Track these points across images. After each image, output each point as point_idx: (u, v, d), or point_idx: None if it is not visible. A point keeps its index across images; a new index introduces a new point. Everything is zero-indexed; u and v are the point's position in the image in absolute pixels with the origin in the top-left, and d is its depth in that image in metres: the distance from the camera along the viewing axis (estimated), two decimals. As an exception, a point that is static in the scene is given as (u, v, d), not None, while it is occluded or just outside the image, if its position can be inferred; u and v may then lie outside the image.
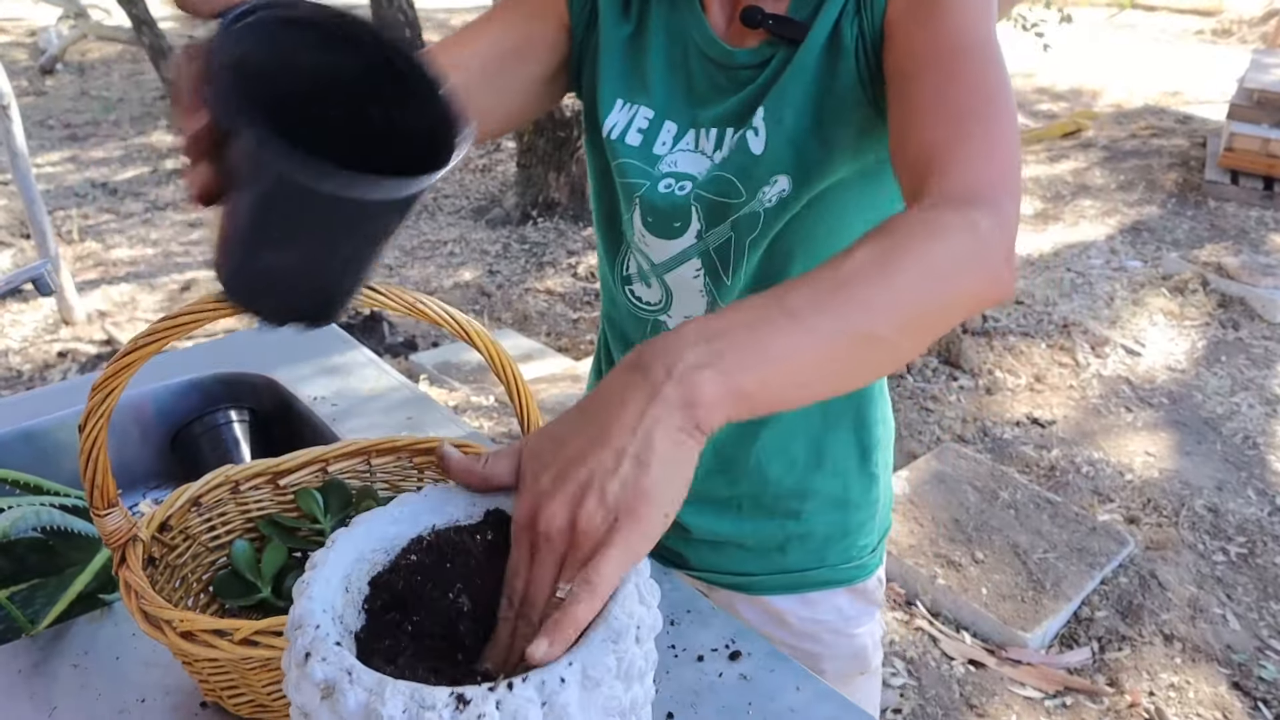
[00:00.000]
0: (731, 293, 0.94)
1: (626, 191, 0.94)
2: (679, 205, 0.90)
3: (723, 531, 1.05)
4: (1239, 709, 2.15)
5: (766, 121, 0.85)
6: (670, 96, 0.91)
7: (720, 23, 0.89)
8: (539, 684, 0.46)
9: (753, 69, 0.87)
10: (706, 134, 0.90)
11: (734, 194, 0.87)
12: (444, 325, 0.68)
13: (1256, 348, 3.81)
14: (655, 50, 0.91)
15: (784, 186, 0.86)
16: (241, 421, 1.39)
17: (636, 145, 0.92)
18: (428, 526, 0.61)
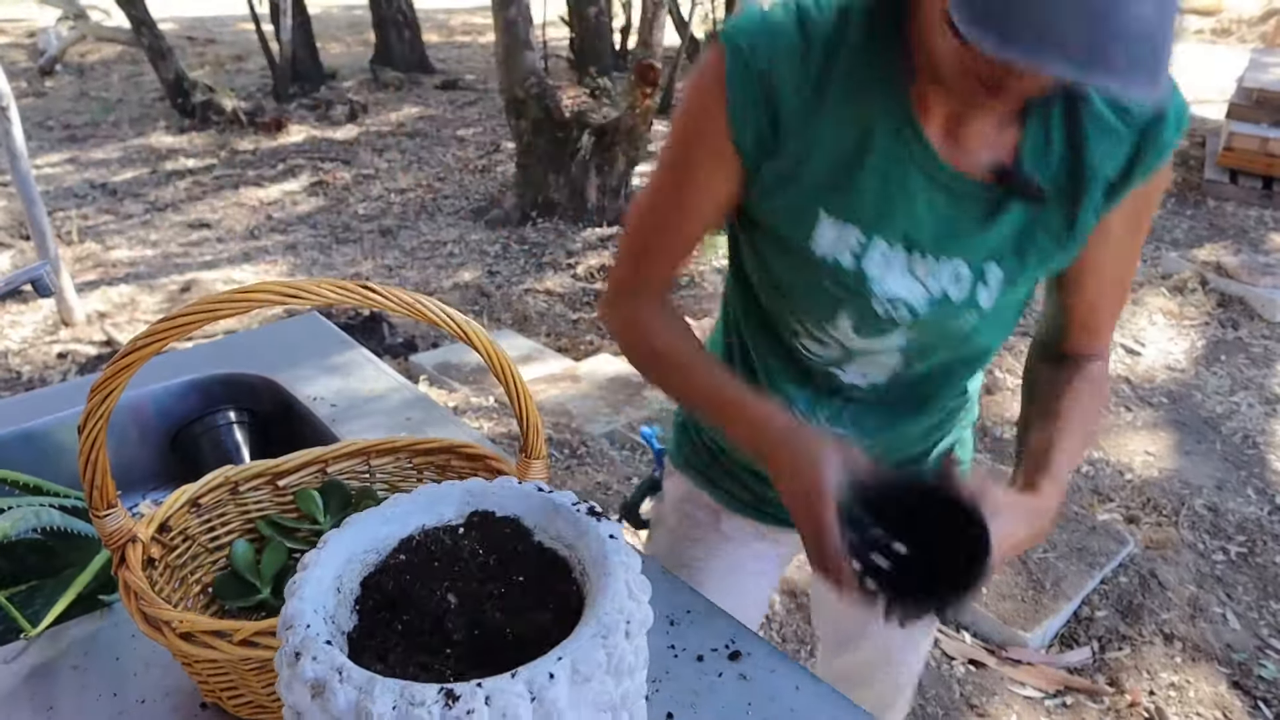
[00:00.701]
0: (922, 374, 1.03)
1: (832, 299, 0.95)
2: (894, 322, 0.95)
3: None
4: (1239, 708, 2.15)
5: (1001, 282, 0.93)
6: (883, 215, 0.90)
7: (937, 137, 0.87)
8: (528, 679, 0.47)
9: (987, 205, 0.89)
10: (923, 258, 0.91)
11: (951, 324, 0.96)
12: (443, 326, 0.68)
13: (1256, 347, 3.81)
14: (868, 167, 0.88)
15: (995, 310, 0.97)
16: (241, 422, 1.39)
17: (848, 266, 0.92)
18: (417, 527, 0.61)
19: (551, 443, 3.12)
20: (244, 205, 6.14)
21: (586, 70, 8.77)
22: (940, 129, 0.87)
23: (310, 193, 6.39)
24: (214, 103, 7.73)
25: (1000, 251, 0.91)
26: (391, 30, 9.43)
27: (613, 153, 5.66)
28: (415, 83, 9.18)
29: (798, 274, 0.96)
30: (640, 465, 3.04)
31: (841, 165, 0.89)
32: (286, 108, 8.26)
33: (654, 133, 6.92)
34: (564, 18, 9.55)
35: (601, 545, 0.57)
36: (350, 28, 11.95)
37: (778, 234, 0.95)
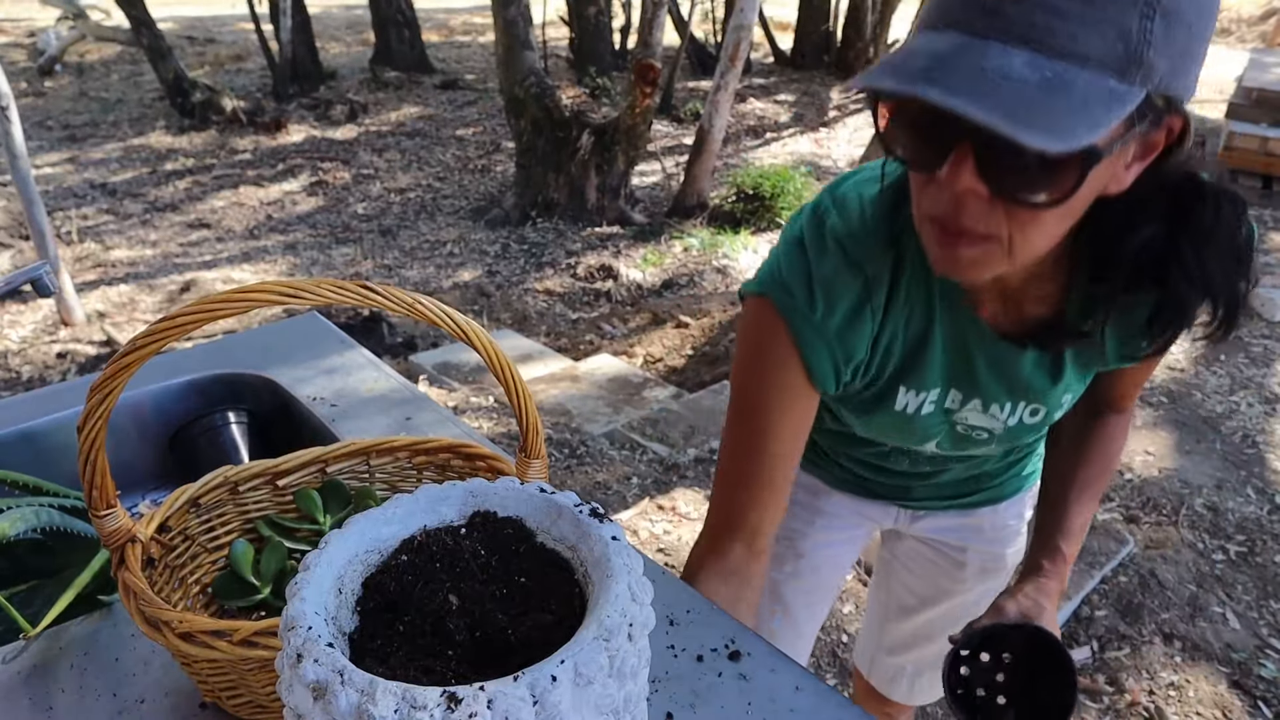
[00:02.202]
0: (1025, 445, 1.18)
1: (920, 436, 1.04)
2: (979, 443, 1.06)
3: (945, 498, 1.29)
4: (1239, 708, 2.15)
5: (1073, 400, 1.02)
6: (953, 378, 0.98)
7: (994, 316, 0.93)
8: (530, 682, 0.46)
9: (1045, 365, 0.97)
10: (999, 405, 1.00)
11: (1032, 435, 1.06)
12: (443, 326, 0.68)
13: (1256, 346, 3.81)
14: (935, 346, 0.95)
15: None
16: (240, 422, 1.39)
17: (931, 414, 1.00)
18: (419, 527, 0.61)
19: (551, 443, 3.12)
20: (243, 205, 6.14)
21: (586, 70, 8.77)
22: (997, 313, 0.93)
23: (310, 192, 6.39)
24: (213, 103, 7.73)
25: (1070, 388, 0.99)
26: (391, 30, 9.43)
27: (612, 152, 5.66)
28: (415, 82, 9.18)
29: (883, 424, 1.03)
30: (640, 465, 3.04)
31: (911, 353, 0.95)
32: (286, 107, 8.26)
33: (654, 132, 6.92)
34: (564, 18, 9.55)
35: (604, 547, 0.57)
36: (350, 28, 11.95)
37: (859, 406, 1.02)
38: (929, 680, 1.48)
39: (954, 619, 1.39)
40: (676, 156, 7.01)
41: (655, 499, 2.85)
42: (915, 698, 1.50)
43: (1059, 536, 1.06)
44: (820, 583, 1.36)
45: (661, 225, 5.65)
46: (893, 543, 1.41)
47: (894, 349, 0.95)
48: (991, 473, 1.24)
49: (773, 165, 6.14)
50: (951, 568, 1.34)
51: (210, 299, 0.64)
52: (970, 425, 1.02)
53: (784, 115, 8.36)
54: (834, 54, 9.80)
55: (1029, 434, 1.05)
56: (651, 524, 2.72)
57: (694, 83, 9.24)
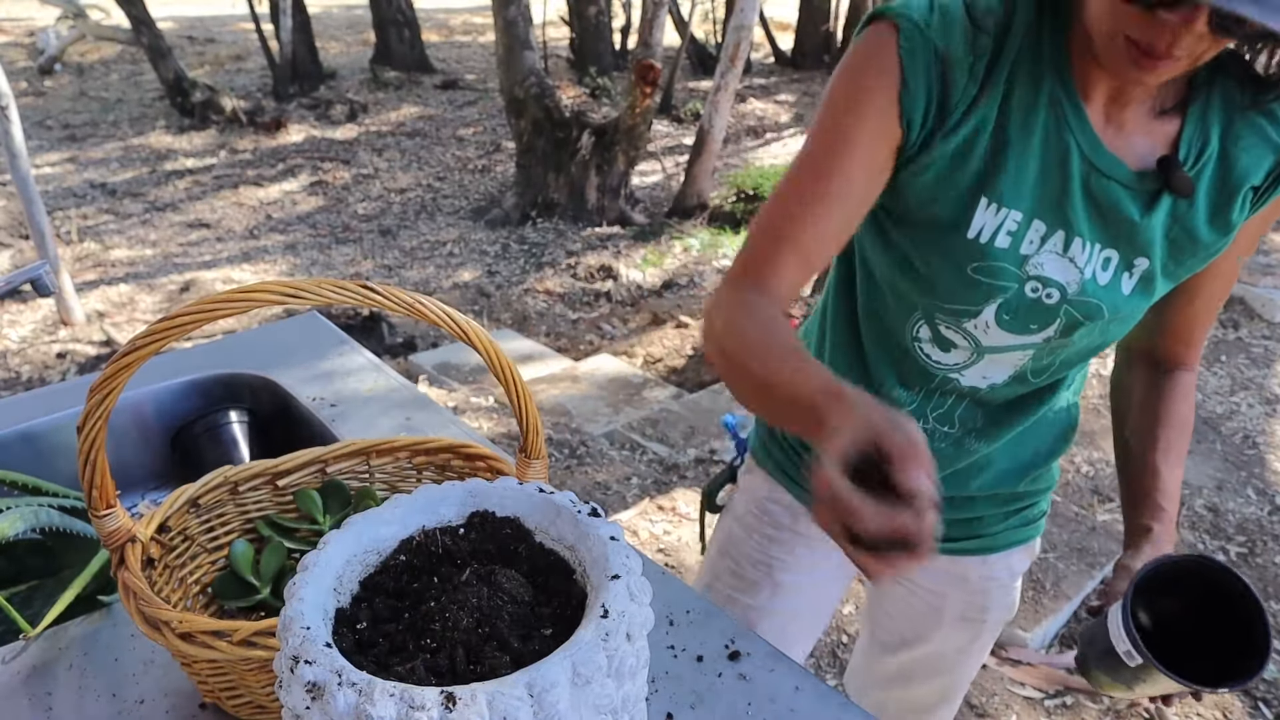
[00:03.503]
0: (1045, 370, 1.03)
1: (985, 289, 0.93)
2: (1045, 311, 0.94)
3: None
4: (1239, 708, 2.15)
5: (1145, 273, 0.93)
6: (1041, 199, 0.90)
7: (1099, 122, 0.88)
8: (529, 682, 0.46)
9: (1141, 195, 0.89)
10: (1081, 244, 0.91)
11: (1097, 317, 0.95)
12: (443, 326, 0.68)
13: (1256, 347, 3.81)
14: (1029, 152, 0.88)
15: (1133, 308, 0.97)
16: (240, 423, 1.39)
17: (1006, 248, 0.91)
18: (418, 527, 0.61)
19: (551, 443, 3.12)
20: (243, 205, 6.14)
21: (586, 70, 8.77)
22: (1102, 113, 0.88)
23: (310, 192, 6.39)
24: (213, 102, 7.73)
25: (1149, 244, 0.91)
26: (391, 30, 9.43)
27: (612, 152, 5.66)
28: (415, 82, 9.18)
29: (947, 263, 0.93)
30: (640, 465, 3.04)
31: (1005, 148, 0.88)
32: (286, 107, 8.26)
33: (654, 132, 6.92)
34: (564, 18, 9.55)
35: (603, 547, 0.57)
36: (350, 28, 11.95)
37: (930, 220, 0.92)
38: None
39: (931, 669, 1.32)
40: (676, 156, 7.01)
41: (655, 499, 2.85)
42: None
43: (1158, 496, 1.02)
44: (796, 622, 1.27)
45: (661, 225, 5.65)
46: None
47: (984, 134, 0.87)
48: (986, 518, 1.16)
49: (773, 165, 6.14)
50: (928, 612, 1.27)
51: (210, 299, 0.64)
52: (1043, 277, 0.92)
53: (784, 115, 8.36)
54: (834, 54, 9.80)
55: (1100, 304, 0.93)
56: (651, 524, 2.72)
57: (694, 83, 9.24)
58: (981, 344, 0.98)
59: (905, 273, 0.97)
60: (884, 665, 1.37)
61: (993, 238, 0.90)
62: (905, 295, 0.99)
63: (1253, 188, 0.89)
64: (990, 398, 1.05)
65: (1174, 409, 1.07)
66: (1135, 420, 1.09)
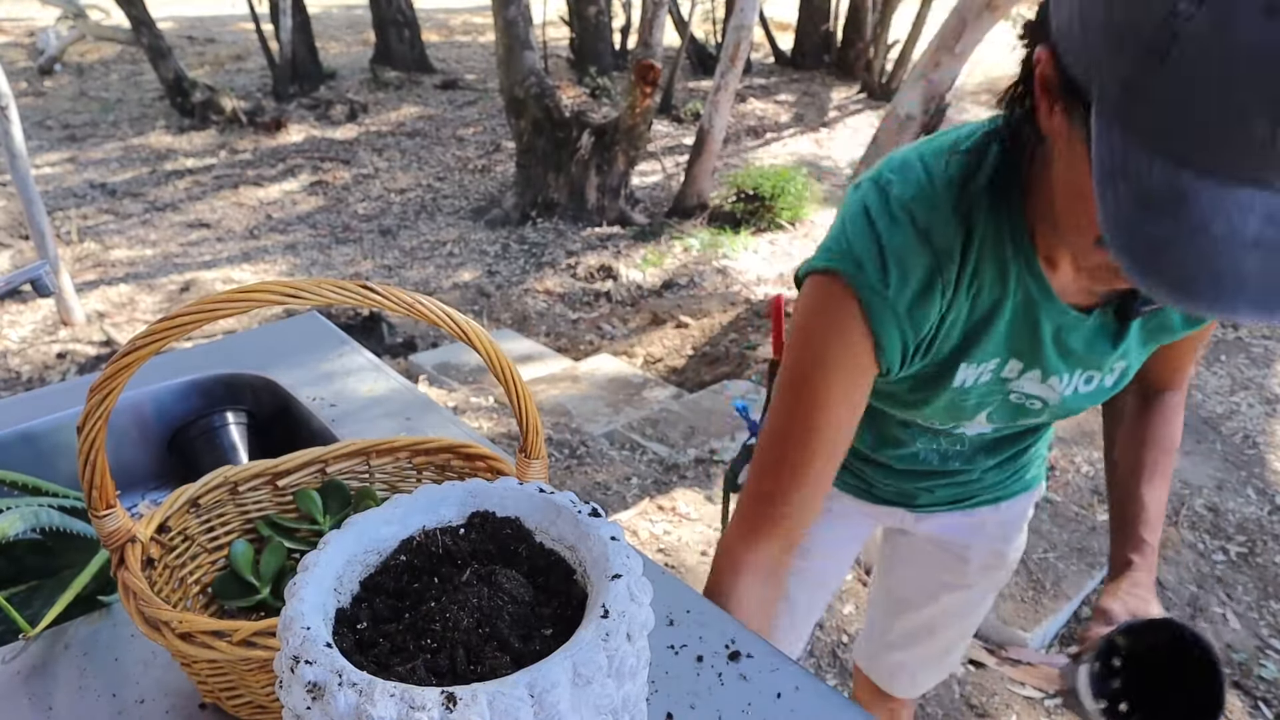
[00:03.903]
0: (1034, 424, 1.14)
1: (972, 409, 1.03)
2: (1031, 412, 1.04)
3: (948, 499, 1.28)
4: (1239, 708, 2.15)
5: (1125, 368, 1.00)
6: (1015, 348, 0.95)
7: (1064, 280, 0.90)
8: (529, 682, 0.46)
9: (1109, 331, 0.96)
10: (1059, 377, 0.98)
11: (1084, 408, 1.04)
12: (443, 326, 0.68)
13: (1256, 347, 3.81)
14: (1001, 324, 0.92)
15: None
16: (240, 423, 1.39)
17: (987, 382, 0.98)
18: (418, 527, 0.61)
19: (551, 443, 3.12)
20: (243, 205, 6.14)
21: (586, 70, 8.77)
22: (1067, 277, 0.91)
23: (310, 192, 6.39)
24: (213, 102, 7.73)
25: (1126, 354, 0.98)
26: (391, 30, 9.43)
27: (612, 152, 5.66)
28: (415, 83, 9.18)
29: (934, 402, 1.01)
30: (640, 465, 3.04)
31: (975, 328, 0.92)
32: (286, 107, 8.26)
33: (654, 132, 6.91)
34: (564, 18, 9.55)
35: (603, 547, 0.57)
36: (350, 28, 11.95)
37: (913, 388, 1.00)
38: (932, 673, 1.50)
39: (956, 614, 1.40)
40: (676, 156, 7.00)
41: (655, 499, 2.85)
42: (918, 689, 1.52)
43: (1140, 528, 1.06)
44: (822, 577, 1.38)
45: (661, 225, 5.65)
46: (895, 539, 1.42)
47: (957, 326, 0.91)
48: (994, 479, 1.25)
49: (773, 165, 6.14)
50: (955, 562, 1.35)
51: (210, 299, 0.64)
52: (1026, 394, 1.00)
53: (784, 115, 8.36)
54: (834, 54, 9.80)
55: (1083, 403, 1.03)
56: (651, 524, 2.72)
57: (694, 83, 9.24)
58: (967, 435, 1.12)
59: (894, 406, 1.06)
60: (905, 623, 1.45)
61: (975, 382, 0.98)
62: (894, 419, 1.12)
63: None
64: (981, 440, 1.17)
65: (1160, 431, 1.12)
66: (1123, 442, 1.14)
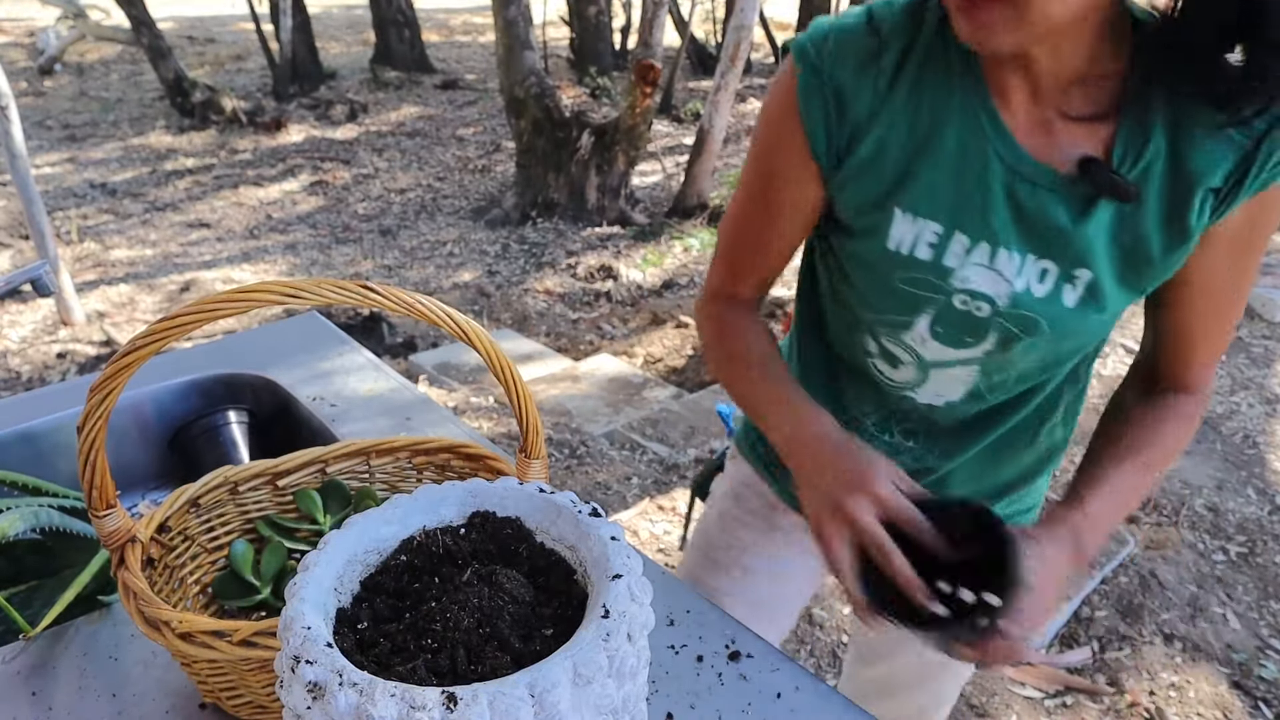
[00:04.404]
0: (999, 387, 0.98)
1: (912, 300, 0.92)
2: (976, 324, 0.91)
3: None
4: (1239, 708, 2.15)
5: (1089, 287, 0.87)
6: (961, 209, 0.87)
7: (1022, 129, 0.84)
8: (530, 682, 0.46)
9: (1071, 200, 0.84)
10: (1009, 256, 0.87)
11: (1034, 331, 0.90)
12: (443, 326, 0.68)
13: (1256, 347, 3.81)
14: (942, 160, 0.86)
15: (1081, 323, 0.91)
16: (240, 423, 1.39)
17: (928, 260, 0.89)
18: (418, 527, 0.61)
19: (551, 443, 3.12)
20: (243, 205, 6.14)
21: (586, 70, 8.77)
22: (1024, 117, 0.84)
23: (310, 192, 6.39)
24: (214, 102, 7.73)
25: (1090, 255, 0.86)
26: (391, 30, 9.43)
27: (612, 152, 5.66)
28: (415, 83, 9.18)
29: (874, 274, 0.93)
30: (640, 465, 3.04)
31: (914, 158, 0.87)
32: (286, 107, 8.26)
33: (654, 132, 6.91)
34: (564, 18, 9.55)
35: (603, 547, 0.57)
36: (350, 28, 11.94)
37: (856, 232, 0.93)
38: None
39: (911, 680, 1.29)
40: (676, 156, 7.01)
41: (655, 499, 2.85)
42: None
43: (1083, 486, 0.91)
44: (759, 609, 1.23)
45: (661, 225, 5.65)
46: None
47: (894, 142, 0.87)
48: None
49: (773, 165, 6.12)
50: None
51: (210, 299, 0.64)
52: (970, 290, 0.89)
53: (784, 115, 8.35)
54: (834, 54, 9.78)
55: (1040, 316, 0.89)
56: (651, 524, 2.72)
57: (694, 83, 9.24)
58: (924, 358, 0.97)
59: (843, 283, 0.99)
60: (864, 678, 1.36)
61: (913, 249, 0.89)
62: (848, 307, 1.00)
63: (1212, 190, 0.81)
64: (950, 416, 1.03)
65: (1154, 416, 0.96)
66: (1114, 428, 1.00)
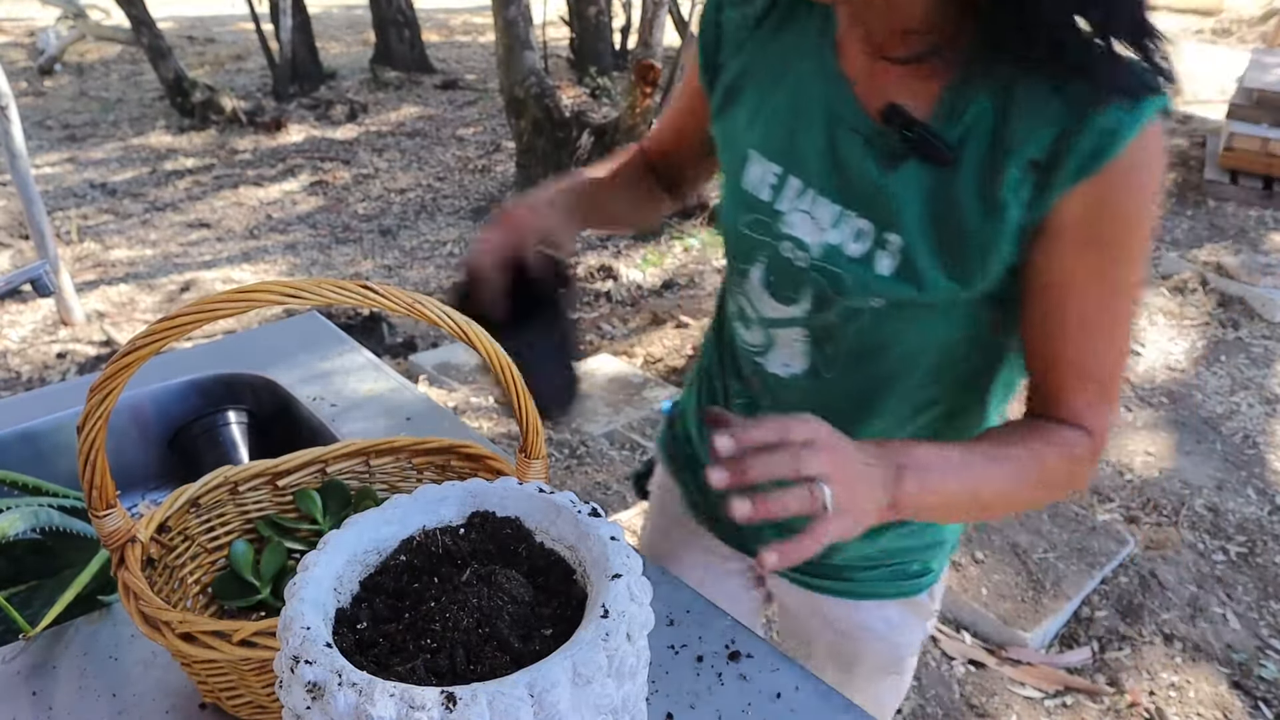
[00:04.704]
0: (834, 362, 0.94)
1: (750, 245, 0.94)
2: (796, 275, 0.90)
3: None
4: (1239, 708, 2.15)
5: (903, 254, 0.83)
6: (794, 150, 0.88)
7: (861, 79, 0.84)
8: (529, 682, 0.46)
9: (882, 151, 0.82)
10: (827, 203, 0.86)
11: (845, 292, 0.87)
12: (443, 326, 0.68)
13: (1256, 347, 3.80)
14: (785, 99, 0.89)
15: (896, 299, 0.85)
16: (240, 423, 1.39)
17: (767, 200, 0.91)
18: (418, 527, 0.61)
19: (551, 443, 3.12)
20: (243, 205, 6.14)
21: (586, 70, 8.77)
22: (861, 71, 0.84)
23: (310, 192, 6.39)
24: (214, 102, 7.73)
25: (900, 216, 0.82)
26: (391, 30, 9.42)
27: (613, 152, 5.66)
28: (415, 83, 9.17)
29: (731, 213, 0.96)
30: (640, 465, 3.04)
31: (766, 98, 0.91)
32: (286, 107, 8.26)
33: (654, 132, 6.88)
34: (564, 18, 9.54)
35: (603, 546, 0.57)
36: (350, 28, 11.94)
37: (728, 174, 0.97)
38: None
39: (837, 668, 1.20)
40: (677, 156, 6.99)
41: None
42: None
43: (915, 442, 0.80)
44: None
45: (661, 225, 5.65)
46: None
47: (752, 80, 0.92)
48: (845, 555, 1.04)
49: (773, 165, 6.12)
50: (798, 644, 1.17)
51: (210, 299, 0.64)
52: (793, 236, 0.88)
53: (784, 115, 8.35)
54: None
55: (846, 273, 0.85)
56: (651, 524, 2.72)
57: (694, 83, 9.23)
58: (763, 314, 0.96)
59: (722, 222, 1.00)
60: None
61: (758, 190, 0.92)
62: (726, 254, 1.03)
63: (1031, 161, 0.76)
64: (801, 395, 0.98)
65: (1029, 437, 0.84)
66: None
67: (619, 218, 1.17)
